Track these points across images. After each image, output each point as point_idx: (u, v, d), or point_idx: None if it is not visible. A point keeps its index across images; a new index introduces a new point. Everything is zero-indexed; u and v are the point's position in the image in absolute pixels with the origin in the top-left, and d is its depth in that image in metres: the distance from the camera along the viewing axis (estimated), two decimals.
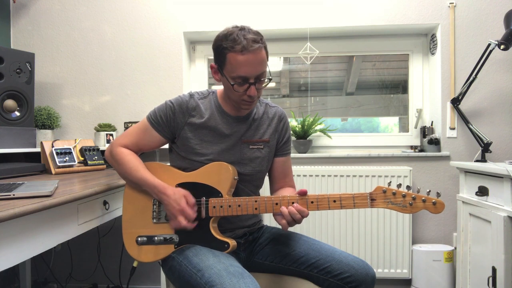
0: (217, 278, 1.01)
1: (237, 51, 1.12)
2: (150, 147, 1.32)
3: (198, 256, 1.14)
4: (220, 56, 1.17)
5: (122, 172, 1.29)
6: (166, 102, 1.29)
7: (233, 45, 1.12)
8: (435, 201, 1.07)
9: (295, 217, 1.12)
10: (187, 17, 2.41)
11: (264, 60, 1.17)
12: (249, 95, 1.18)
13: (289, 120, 1.43)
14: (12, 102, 1.97)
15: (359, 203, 1.12)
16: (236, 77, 1.15)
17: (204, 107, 1.28)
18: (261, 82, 1.19)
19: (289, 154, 1.41)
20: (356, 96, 2.66)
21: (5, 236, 0.96)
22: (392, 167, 2.28)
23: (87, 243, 2.40)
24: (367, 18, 2.33)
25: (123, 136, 1.33)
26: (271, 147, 1.34)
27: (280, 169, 1.39)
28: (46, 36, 2.47)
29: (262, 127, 1.33)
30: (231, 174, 1.22)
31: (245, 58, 1.12)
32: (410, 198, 1.08)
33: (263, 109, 1.36)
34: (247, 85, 1.17)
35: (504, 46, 1.98)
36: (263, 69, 1.17)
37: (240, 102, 1.21)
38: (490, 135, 2.21)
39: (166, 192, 1.20)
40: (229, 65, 1.15)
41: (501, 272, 1.66)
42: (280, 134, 1.37)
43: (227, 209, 1.20)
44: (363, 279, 1.17)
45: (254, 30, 1.17)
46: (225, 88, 1.25)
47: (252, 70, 1.15)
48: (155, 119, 1.28)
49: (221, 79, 1.23)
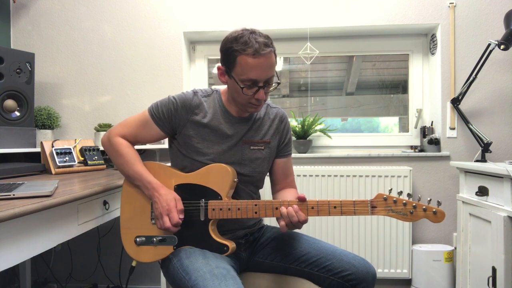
0: (201, 281, 1.02)
1: (249, 54, 1.12)
2: (147, 140, 1.33)
3: (189, 258, 1.14)
4: (229, 58, 1.16)
5: (118, 163, 1.29)
6: (169, 97, 1.28)
7: (245, 48, 1.12)
8: (436, 210, 1.07)
9: (292, 219, 1.12)
10: (187, 17, 2.41)
11: (274, 64, 1.18)
12: (257, 98, 1.18)
13: (289, 120, 1.43)
14: (12, 102, 1.97)
15: (359, 210, 1.12)
16: (246, 80, 1.15)
17: (207, 106, 1.28)
18: (269, 86, 1.20)
19: (290, 155, 1.41)
20: (356, 96, 2.66)
21: (5, 236, 0.96)
22: (392, 167, 2.28)
23: (87, 243, 2.39)
24: (367, 18, 2.33)
25: (122, 125, 1.32)
26: (271, 148, 1.34)
27: (281, 170, 1.39)
28: (46, 36, 2.47)
29: (263, 128, 1.33)
30: (230, 176, 1.22)
31: (256, 61, 1.12)
32: (411, 206, 1.09)
33: (264, 109, 1.36)
34: (256, 88, 1.16)
35: (504, 46, 1.98)
36: (272, 73, 1.18)
37: (246, 104, 1.21)
38: (490, 135, 2.21)
39: (159, 190, 1.20)
40: (239, 67, 1.14)
41: (501, 272, 1.66)
42: (282, 136, 1.37)
43: (227, 212, 1.20)
44: (364, 277, 1.17)
45: (263, 33, 1.18)
46: (231, 90, 1.24)
47: (262, 74, 1.15)
48: (157, 113, 1.27)
49: (228, 81, 1.22)
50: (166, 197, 1.19)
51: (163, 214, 1.18)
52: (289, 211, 1.12)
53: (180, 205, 1.20)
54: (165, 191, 1.21)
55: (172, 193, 1.21)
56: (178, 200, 1.20)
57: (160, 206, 1.18)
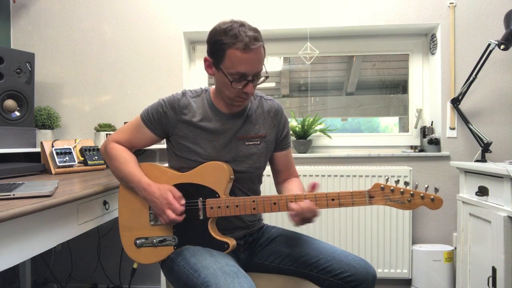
0: (212, 278, 1.02)
1: (239, 48, 1.10)
2: (142, 145, 1.33)
3: (195, 256, 1.14)
4: (218, 51, 1.15)
5: (112, 167, 1.30)
6: (159, 100, 1.29)
7: (235, 41, 1.10)
8: (434, 197, 1.06)
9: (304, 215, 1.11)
10: (187, 17, 2.41)
11: (263, 58, 1.17)
12: (245, 91, 1.17)
13: (289, 120, 1.43)
14: (12, 102, 1.97)
15: (357, 200, 1.11)
16: (234, 73, 1.14)
17: (196, 106, 1.28)
18: (257, 79, 1.19)
19: (289, 146, 1.41)
20: (356, 96, 2.66)
21: (5, 236, 0.96)
22: (392, 167, 2.28)
23: (87, 243, 2.39)
24: (367, 18, 2.33)
25: (118, 132, 1.34)
26: (268, 142, 1.32)
27: (283, 163, 1.39)
28: (46, 36, 2.47)
29: (257, 122, 1.31)
30: (227, 174, 1.21)
31: (246, 56, 1.11)
32: (408, 194, 1.08)
33: (257, 103, 1.34)
34: (245, 82, 1.16)
35: (504, 46, 1.98)
36: (261, 67, 1.17)
37: (233, 98, 1.20)
38: (490, 135, 2.21)
39: (150, 188, 1.20)
40: (229, 60, 1.13)
41: (501, 272, 1.66)
42: (279, 129, 1.35)
43: (225, 210, 1.19)
44: (364, 278, 1.17)
45: (252, 26, 1.16)
46: (219, 83, 1.22)
47: (252, 68, 1.14)
48: (147, 117, 1.28)
49: (216, 74, 1.20)
50: (161, 192, 1.18)
51: (164, 208, 1.17)
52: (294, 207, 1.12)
53: (177, 192, 1.20)
54: (157, 186, 1.20)
55: (165, 186, 1.21)
56: (173, 190, 1.20)
57: (159, 203, 1.18)
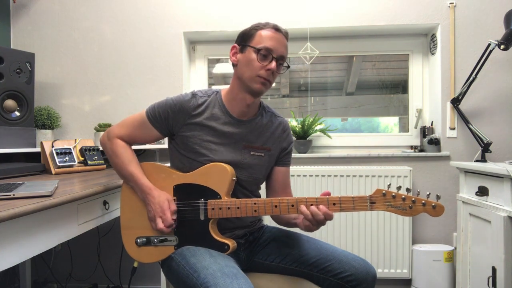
0: (211, 279, 1.02)
1: (268, 28, 1.22)
2: (145, 141, 1.34)
3: (195, 256, 1.14)
4: (248, 35, 1.24)
5: (114, 163, 1.31)
6: (167, 99, 1.28)
7: (264, 25, 1.23)
8: (435, 205, 1.06)
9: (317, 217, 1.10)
10: (187, 17, 2.41)
11: (287, 46, 1.25)
12: (268, 68, 1.19)
13: (289, 120, 1.43)
14: (12, 102, 1.97)
15: (358, 206, 1.11)
16: (262, 48, 1.19)
17: (206, 107, 1.27)
18: (280, 67, 1.24)
19: (289, 165, 1.41)
20: (356, 96, 2.66)
21: (5, 236, 0.95)
22: (392, 167, 2.28)
23: (87, 243, 2.39)
24: (367, 18, 2.33)
25: (120, 125, 1.33)
26: (271, 156, 1.34)
27: (281, 180, 1.39)
28: (46, 36, 2.47)
29: (265, 134, 1.32)
30: (229, 175, 1.21)
31: (274, 34, 1.21)
32: (410, 201, 1.08)
33: (268, 117, 1.35)
34: (270, 58, 1.20)
35: (504, 46, 1.98)
36: (286, 53, 1.24)
37: (254, 78, 1.21)
38: (490, 135, 2.21)
39: (151, 193, 1.21)
40: (258, 37, 1.21)
41: (501, 272, 1.66)
42: (283, 145, 1.37)
43: (226, 211, 1.19)
44: (364, 278, 1.17)
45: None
46: (242, 64, 1.23)
47: (278, 46, 1.21)
48: (153, 115, 1.27)
49: (241, 58, 1.24)
50: (158, 199, 1.20)
51: (156, 216, 1.19)
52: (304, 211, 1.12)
53: (173, 206, 1.20)
54: (158, 192, 1.21)
55: (165, 194, 1.22)
56: (170, 201, 1.21)
57: (153, 209, 1.20)
